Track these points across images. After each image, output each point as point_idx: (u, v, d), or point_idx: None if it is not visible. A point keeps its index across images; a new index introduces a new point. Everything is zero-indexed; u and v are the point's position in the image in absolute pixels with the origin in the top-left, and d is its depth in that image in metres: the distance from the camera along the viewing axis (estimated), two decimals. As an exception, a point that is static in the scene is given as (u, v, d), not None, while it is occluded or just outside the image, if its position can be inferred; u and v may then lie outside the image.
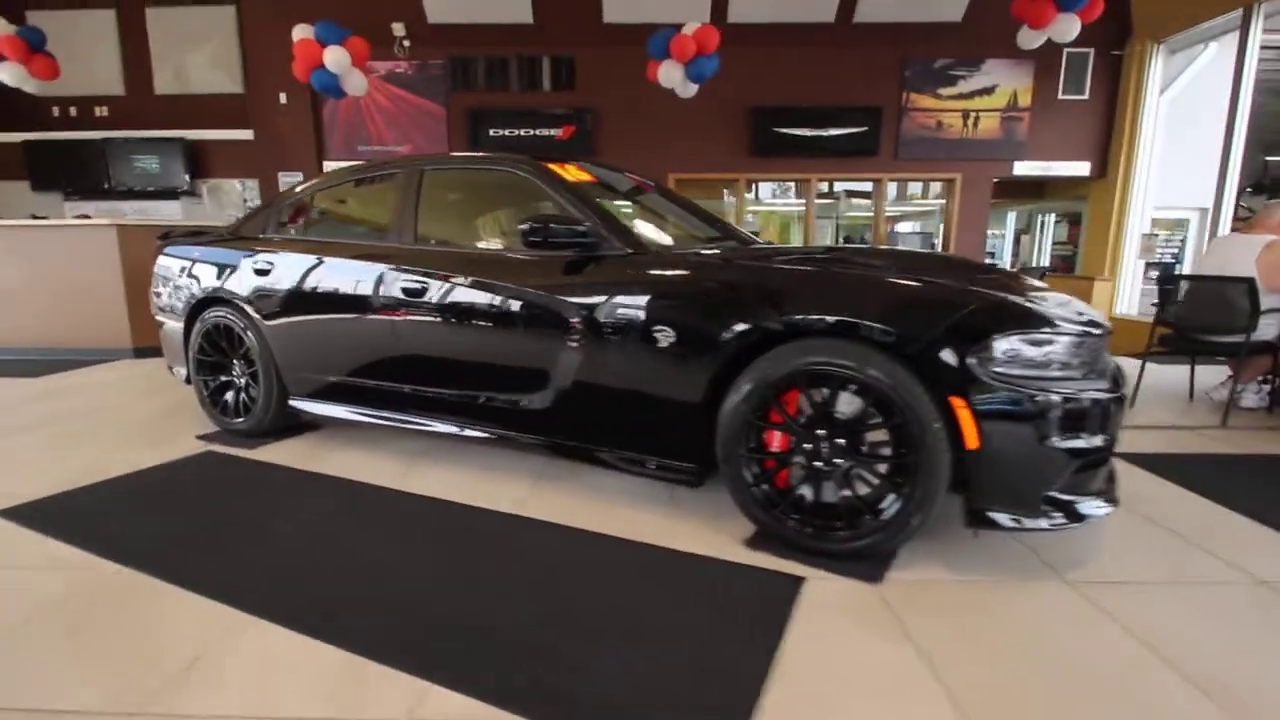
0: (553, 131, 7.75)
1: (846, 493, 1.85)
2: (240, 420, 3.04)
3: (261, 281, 2.86)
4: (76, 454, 2.84)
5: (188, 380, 3.27)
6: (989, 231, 8.41)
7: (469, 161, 2.72)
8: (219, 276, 3.03)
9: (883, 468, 1.81)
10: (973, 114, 7.79)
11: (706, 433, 2.00)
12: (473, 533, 2.08)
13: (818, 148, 7.81)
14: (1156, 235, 8.18)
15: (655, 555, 1.93)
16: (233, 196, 8.11)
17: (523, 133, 7.76)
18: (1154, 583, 1.81)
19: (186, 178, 7.94)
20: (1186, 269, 8.29)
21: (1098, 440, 1.70)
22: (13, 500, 2.29)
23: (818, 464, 1.87)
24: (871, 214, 8.75)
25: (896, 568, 1.84)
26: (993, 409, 1.65)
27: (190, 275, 3.16)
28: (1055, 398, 1.65)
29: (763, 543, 1.97)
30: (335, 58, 6.04)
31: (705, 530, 2.10)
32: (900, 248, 4.12)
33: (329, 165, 7.94)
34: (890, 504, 1.77)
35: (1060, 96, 7.75)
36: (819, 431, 1.86)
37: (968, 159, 7.90)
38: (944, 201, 8.32)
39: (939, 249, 8.40)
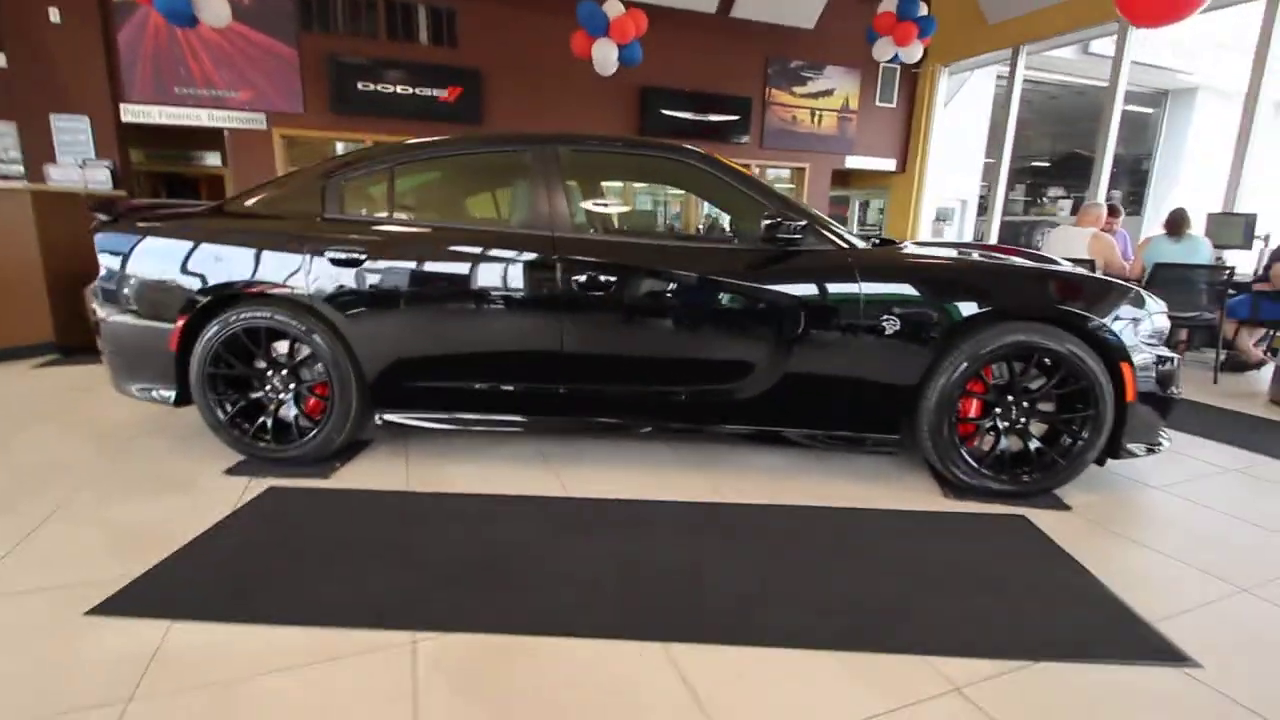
0: (437, 91, 6.99)
1: (1036, 444, 2.32)
2: (294, 445, 2.47)
3: (347, 275, 2.34)
4: (63, 514, 2.07)
5: (177, 402, 2.53)
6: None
7: (622, 145, 2.54)
8: (255, 268, 2.38)
9: (1062, 420, 2.32)
10: (818, 112, 8.96)
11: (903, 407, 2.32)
12: (756, 528, 2.09)
13: (698, 132, 8.29)
14: (945, 221, 10.40)
15: (915, 519, 2.19)
16: (-31, 143, 5.80)
17: (400, 89, 6.87)
18: (1189, 479, 2.62)
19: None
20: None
21: (1181, 390, 2.40)
22: (102, 588, 1.66)
23: (1006, 424, 2.31)
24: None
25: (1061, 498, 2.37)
26: (1143, 369, 2.24)
27: (191, 264, 2.42)
28: (1168, 358, 2.30)
29: (958, 493, 2.36)
30: (184, -25, 4.72)
31: (900, 490, 2.42)
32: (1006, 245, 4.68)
33: (129, 109, 6.13)
34: (1074, 449, 2.28)
35: (877, 103, 9.31)
36: (1009, 397, 2.30)
37: (814, 150, 9.11)
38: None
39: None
